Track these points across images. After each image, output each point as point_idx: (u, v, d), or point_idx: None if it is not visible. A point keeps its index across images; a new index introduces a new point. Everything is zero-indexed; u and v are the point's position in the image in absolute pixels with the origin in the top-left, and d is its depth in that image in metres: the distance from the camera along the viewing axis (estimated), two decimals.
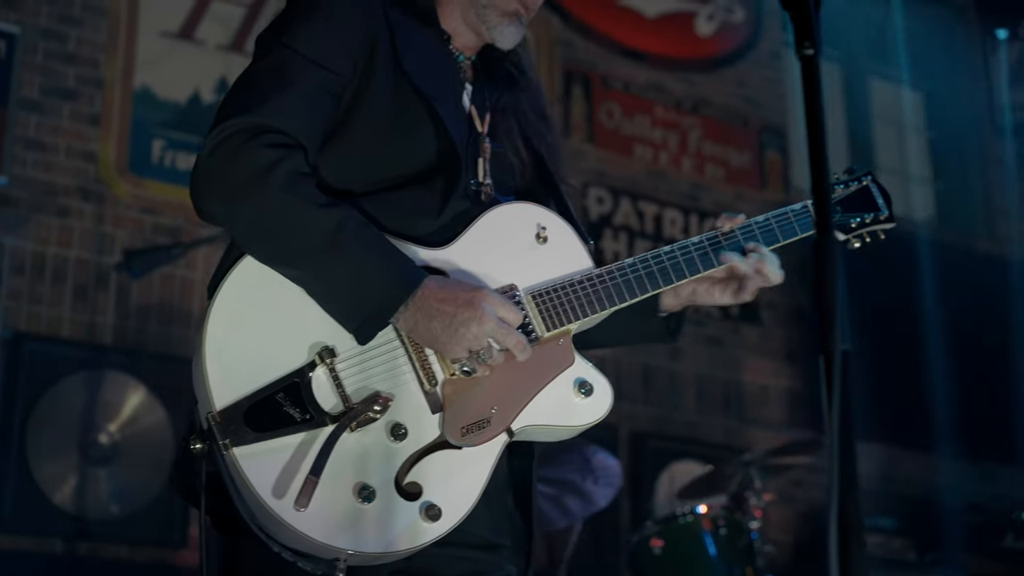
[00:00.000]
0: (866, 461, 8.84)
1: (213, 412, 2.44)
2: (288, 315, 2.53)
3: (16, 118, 6.83)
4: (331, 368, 2.50)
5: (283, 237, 2.49)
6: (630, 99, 8.86)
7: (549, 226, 2.74)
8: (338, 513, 2.43)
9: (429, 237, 2.66)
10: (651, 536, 5.81)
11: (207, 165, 2.53)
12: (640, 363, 8.32)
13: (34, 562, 6.31)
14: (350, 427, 2.46)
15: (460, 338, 2.50)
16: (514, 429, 2.58)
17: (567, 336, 2.67)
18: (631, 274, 2.73)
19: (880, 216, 2.98)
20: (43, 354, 6.54)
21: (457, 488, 2.53)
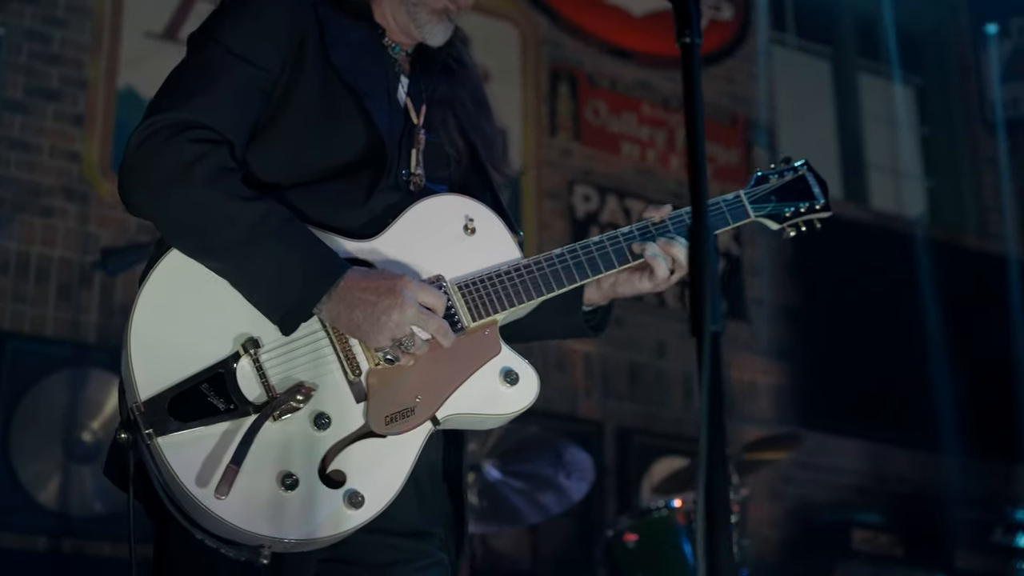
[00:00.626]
0: (854, 457, 8.87)
1: (138, 402, 2.47)
2: (213, 307, 2.56)
3: (0, 118, 6.87)
4: (255, 359, 2.53)
5: (206, 230, 2.53)
6: (617, 97, 8.88)
7: (477, 217, 2.76)
8: (260, 501, 2.46)
9: (356, 229, 2.69)
10: (625, 530, 5.83)
11: (133, 159, 2.57)
12: (627, 360, 8.34)
13: (18, 559, 6.35)
14: (273, 416, 2.49)
15: (382, 326, 2.53)
16: (439, 418, 2.61)
17: (493, 326, 2.70)
18: (559, 264, 2.76)
19: (816, 205, 2.98)
20: (27, 353, 6.59)
21: (381, 476, 2.55)
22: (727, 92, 9.33)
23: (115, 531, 6.47)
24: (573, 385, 8.07)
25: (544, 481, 5.97)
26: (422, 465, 2.64)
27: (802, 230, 2.99)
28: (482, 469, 5.82)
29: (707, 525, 1.53)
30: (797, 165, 3.01)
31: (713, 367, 1.56)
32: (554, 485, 5.98)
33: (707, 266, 1.61)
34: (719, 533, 1.54)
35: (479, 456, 5.79)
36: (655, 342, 8.48)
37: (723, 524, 1.56)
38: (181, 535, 2.51)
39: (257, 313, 2.56)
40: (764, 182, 2.95)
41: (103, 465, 2.71)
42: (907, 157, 10.40)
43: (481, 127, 2.98)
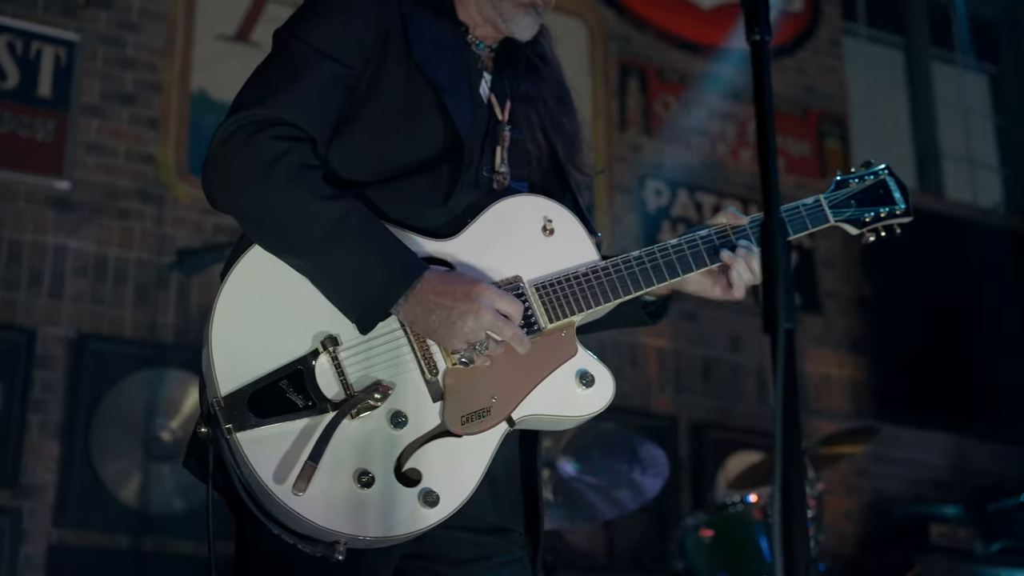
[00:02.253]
0: (933, 451, 8.78)
1: (218, 397, 2.50)
2: (294, 303, 2.58)
3: (77, 123, 6.98)
4: (334, 356, 2.55)
5: (287, 227, 2.56)
6: (687, 91, 8.85)
7: (556, 219, 2.77)
8: (337, 498, 2.49)
9: (435, 228, 2.71)
10: (701, 525, 5.81)
11: (217, 155, 2.61)
12: (700, 355, 8.31)
13: (101, 558, 6.44)
14: (350, 414, 2.52)
15: (457, 331, 2.55)
16: (515, 418, 2.62)
17: (570, 328, 2.71)
18: (636, 267, 2.76)
19: (896, 210, 2.97)
20: (106, 354, 6.68)
21: (456, 476, 2.57)
22: (798, 84, 9.27)
23: (195, 529, 6.55)
24: (647, 380, 8.05)
25: (619, 477, 5.97)
26: (497, 462, 2.65)
27: (881, 235, 2.99)
28: (557, 466, 5.83)
29: (784, 521, 1.53)
30: (878, 169, 3.00)
31: (787, 364, 1.55)
32: (629, 481, 5.97)
33: (779, 262, 1.60)
34: (796, 529, 1.54)
35: (554, 453, 5.80)
36: (728, 336, 8.44)
37: (800, 520, 1.56)
38: (260, 529, 2.54)
39: (337, 311, 2.58)
40: (844, 186, 2.94)
41: (183, 457, 2.74)
42: (982, 146, 10.27)
43: (563, 125, 2.97)
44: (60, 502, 6.43)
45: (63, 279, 6.72)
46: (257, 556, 2.66)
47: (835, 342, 8.86)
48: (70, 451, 6.49)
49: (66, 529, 6.42)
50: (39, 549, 6.34)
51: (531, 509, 2.83)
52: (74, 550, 6.41)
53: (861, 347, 8.93)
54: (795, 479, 1.54)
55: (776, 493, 1.56)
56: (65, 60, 7.01)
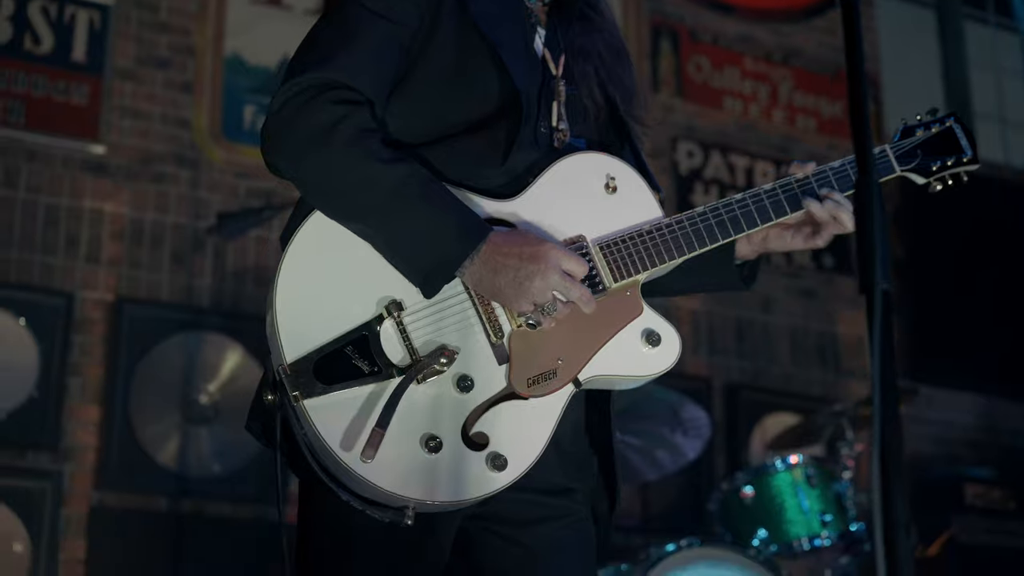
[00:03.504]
0: (966, 412, 8.77)
1: (284, 365, 2.48)
2: (357, 268, 2.56)
3: (112, 87, 6.97)
4: (399, 321, 2.54)
5: (348, 193, 2.54)
6: (719, 52, 8.81)
7: (619, 176, 2.73)
8: (405, 463, 2.48)
9: (496, 189, 2.68)
10: (741, 486, 5.81)
11: (275, 121, 2.58)
12: (733, 316, 8.30)
13: (141, 520, 6.48)
14: (417, 379, 2.51)
15: (524, 292, 2.53)
16: (581, 380, 2.61)
17: (635, 286, 2.68)
18: (700, 223, 2.73)
19: (964, 158, 2.93)
20: (143, 318, 6.70)
21: (523, 438, 2.56)
22: (830, 44, 9.21)
23: (233, 491, 6.60)
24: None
25: (660, 439, 5.97)
26: (565, 423, 2.63)
27: (949, 184, 2.94)
28: None
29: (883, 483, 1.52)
30: (943, 116, 2.95)
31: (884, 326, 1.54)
32: (669, 443, 5.98)
33: (875, 219, 1.59)
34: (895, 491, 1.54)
35: None
36: (761, 297, 8.42)
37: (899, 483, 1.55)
38: (326, 496, 2.54)
39: (400, 275, 2.56)
40: (910, 135, 2.91)
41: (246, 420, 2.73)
42: (1014, 105, 10.20)
43: (620, 77, 2.93)
44: (100, 465, 6.46)
45: (100, 243, 6.73)
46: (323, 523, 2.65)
47: None
48: (109, 414, 6.51)
49: (106, 492, 6.45)
50: (80, 511, 6.38)
51: (605, 467, 2.81)
52: (114, 512, 6.44)
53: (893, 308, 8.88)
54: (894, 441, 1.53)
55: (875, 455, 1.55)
56: (99, 24, 7.00)
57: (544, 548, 2.72)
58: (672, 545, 5.34)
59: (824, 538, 5.69)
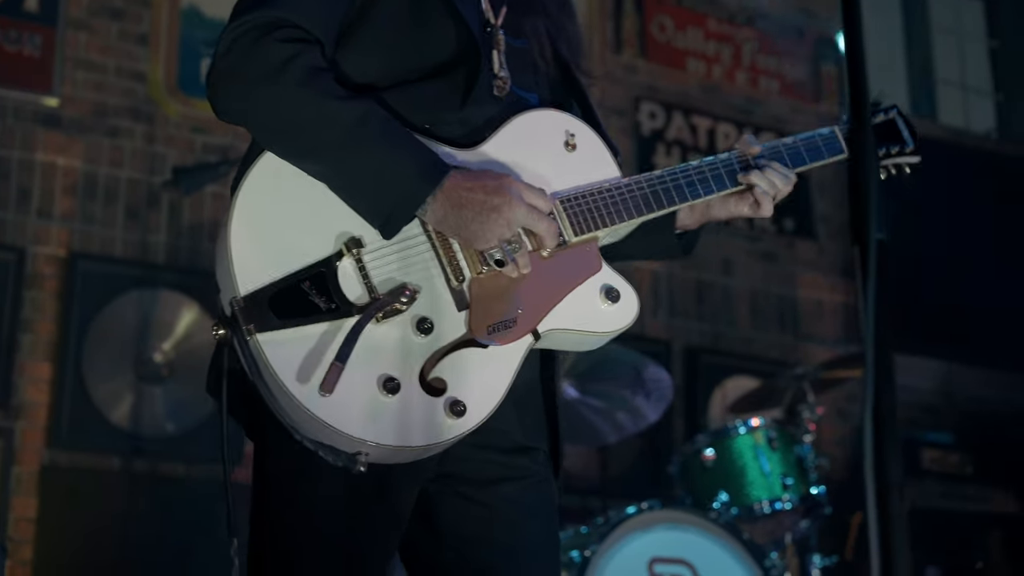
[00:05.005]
0: (923, 376, 8.78)
1: (237, 297, 2.39)
2: (313, 206, 2.49)
3: (65, 38, 6.83)
4: (358, 259, 2.46)
5: (303, 132, 2.45)
6: (682, 12, 8.73)
7: (578, 134, 2.72)
8: (361, 404, 2.39)
9: (455, 138, 2.62)
10: (703, 449, 5.79)
11: (223, 62, 2.49)
12: (693, 279, 8.27)
13: (93, 479, 6.40)
14: (376, 317, 2.43)
15: (491, 224, 2.47)
16: (540, 331, 2.56)
17: (594, 243, 2.65)
18: (659, 185, 2.72)
19: (906, 148, 3.01)
20: (97, 274, 6.59)
21: (482, 386, 2.49)
22: (794, 6, 9.16)
23: (187, 451, 6.51)
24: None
25: (621, 401, 5.93)
26: (520, 382, 2.57)
27: (892, 173, 3.04)
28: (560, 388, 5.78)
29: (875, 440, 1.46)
30: (886, 107, 3.03)
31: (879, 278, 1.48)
32: (631, 405, 5.94)
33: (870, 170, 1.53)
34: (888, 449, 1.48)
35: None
36: (721, 260, 8.40)
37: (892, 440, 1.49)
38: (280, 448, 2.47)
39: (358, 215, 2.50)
40: None
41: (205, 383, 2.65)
42: (975, 71, 10.20)
43: (567, 31, 2.89)
44: (52, 423, 6.37)
45: (52, 197, 6.61)
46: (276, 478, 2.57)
47: (827, 267, 8.83)
48: (61, 372, 6.42)
49: (58, 450, 6.36)
50: (31, 469, 6.29)
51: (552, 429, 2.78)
52: (65, 471, 6.36)
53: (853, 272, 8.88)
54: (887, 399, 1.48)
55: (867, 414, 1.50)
56: None
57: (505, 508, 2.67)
58: (632, 508, 5.32)
59: (785, 501, 5.67)
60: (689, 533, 5.32)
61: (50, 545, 6.22)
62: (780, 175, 2.81)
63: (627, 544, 5.22)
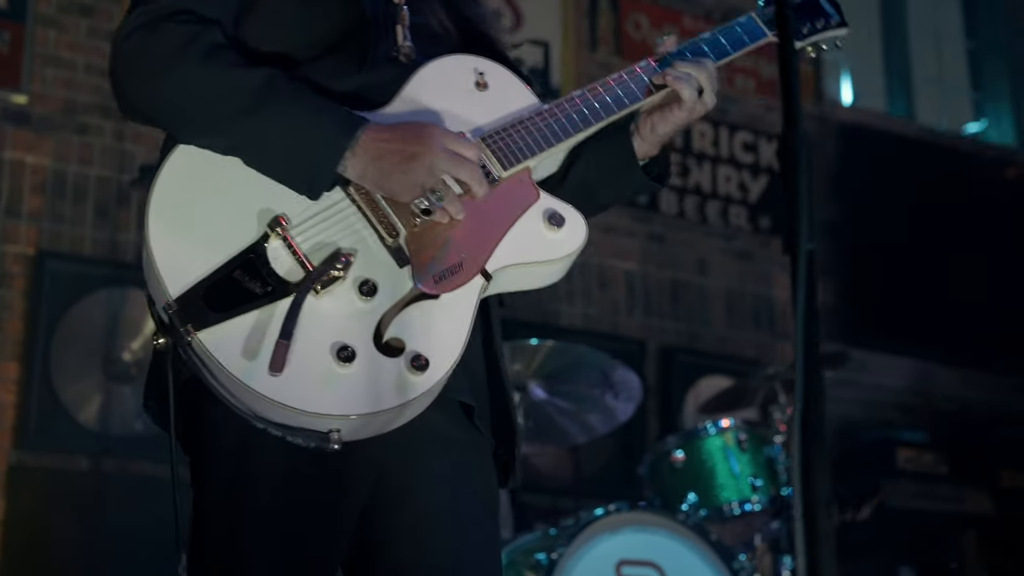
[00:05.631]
0: (898, 375, 8.78)
1: (169, 302, 2.33)
2: (231, 193, 2.44)
3: (34, 34, 6.78)
4: (285, 237, 2.41)
5: (212, 105, 2.43)
6: (658, 10, 8.71)
7: (487, 71, 2.68)
8: (318, 378, 2.34)
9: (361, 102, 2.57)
10: (672, 450, 5.76)
11: (122, 54, 2.48)
12: (668, 278, 8.24)
13: (61, 479, 6.35)
14: (314, 289, 2.38)
15: (413, 173, 2.43)
16: (490, 271, 2.51)
17: (527, 174, 2.61)
18: (582, 104, 2.68)
19: (832, 21, 2.92)
20: (65, 273, 6.55)
21: (441, 337, 2.44)
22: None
23: (156, 451, 6.45)
24: (614, 303, 7.98)
25: (591, 401, 5.90)
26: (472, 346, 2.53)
27: (823, 49, 2.94)
28: (528, 389, 5.75)
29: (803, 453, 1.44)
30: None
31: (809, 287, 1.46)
32: (601, 405, 5.91)
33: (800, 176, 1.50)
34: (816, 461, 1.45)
35: (525, 376, 5.71)
36: (697, 259, 8.37)
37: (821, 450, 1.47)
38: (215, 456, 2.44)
39: (277, 190, 2.44)
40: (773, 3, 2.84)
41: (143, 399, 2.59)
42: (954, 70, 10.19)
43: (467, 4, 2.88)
44: (19, 423, 6.32)
45: (21, 196, 6.56)
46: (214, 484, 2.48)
47: None
48: (29, 371, 6.37)
49: (25, 451, 6.31)
50: None
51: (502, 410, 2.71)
52: (33, 472, 6.31)
53: (829, 272, 8.89)
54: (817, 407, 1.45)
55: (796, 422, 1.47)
56: None
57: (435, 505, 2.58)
58: (600, 509, 5.28)
59: (754, 503, 5.64)
60: (657, 535, 5.29)
61: (18, 547, 6.17)
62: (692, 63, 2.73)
63: (595, 546, 5.18)
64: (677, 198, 8.41)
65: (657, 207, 8.32)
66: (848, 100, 9.62)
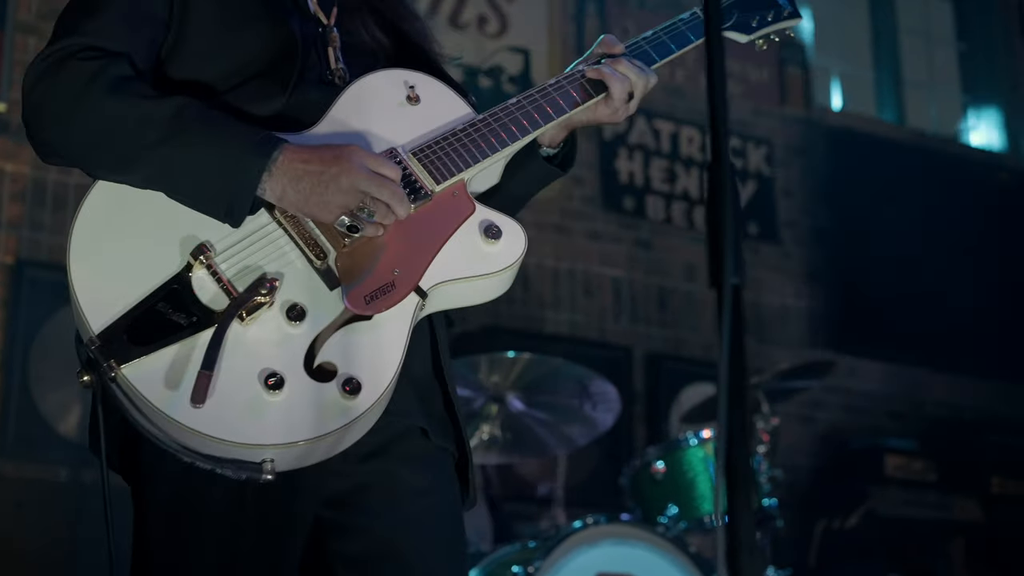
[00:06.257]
0: (887, 382, 8.73)
1: (91, 337, 2.30)
2: (153, 225, 2.40)
3: (13, 42, 6.74)
4: (209, 265, 2.36)
5: (124, 138, 2.38)
6: (645, 16, 8.66)
7: (418, 84, 2.64)
8: (243, 407, 2.29)
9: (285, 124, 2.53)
10: (653, 462, 5.71)
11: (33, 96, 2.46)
12: (656, 284, 8.20)
13: (39, 490, 6.31)
14: (239, 316, 2.33)
15: (332, 195, 2.38)
16: (424, 288, 2.45)
17: (461, 187, 2.55)
18: (517, 112, 2.62)
19: (783, 11, 2.87)
20: (45, 282, 6.49)
21: (374, 359, 2.38)
22: None
23: None
24: (601, 310, 7.94)
25: (569, 412, 5.86)
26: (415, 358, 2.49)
27: (774, 40, 2.89)
28: (505, 401, 5.71)
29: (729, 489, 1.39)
30: None
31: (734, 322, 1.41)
32: (580, 416, 5.87)
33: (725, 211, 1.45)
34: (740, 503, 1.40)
35: (502, 388, 5.68)
36: (684, 266, 8.33)
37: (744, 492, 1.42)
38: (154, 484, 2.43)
39: (199, 218, 2.40)
40: None
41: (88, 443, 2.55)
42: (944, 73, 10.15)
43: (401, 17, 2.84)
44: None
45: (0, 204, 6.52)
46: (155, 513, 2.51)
47: (792, 272, 8.77)
48: (8, 382, 6.33)
49: (4, 461, 6.27)
50: None
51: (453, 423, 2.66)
52: (12, 483, 6.27)
53: (818, 277, 8.85)
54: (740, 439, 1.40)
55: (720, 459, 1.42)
56: None
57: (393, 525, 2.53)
58: (579, 522, 5.24)
59: None
60: (636, 548, 5.25)
61: None
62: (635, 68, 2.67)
63: (573, 559, 5.14)
64: (664, 204, 8.37)
65: (644, 213, 8.28)
66: (838, 105, 9.57)
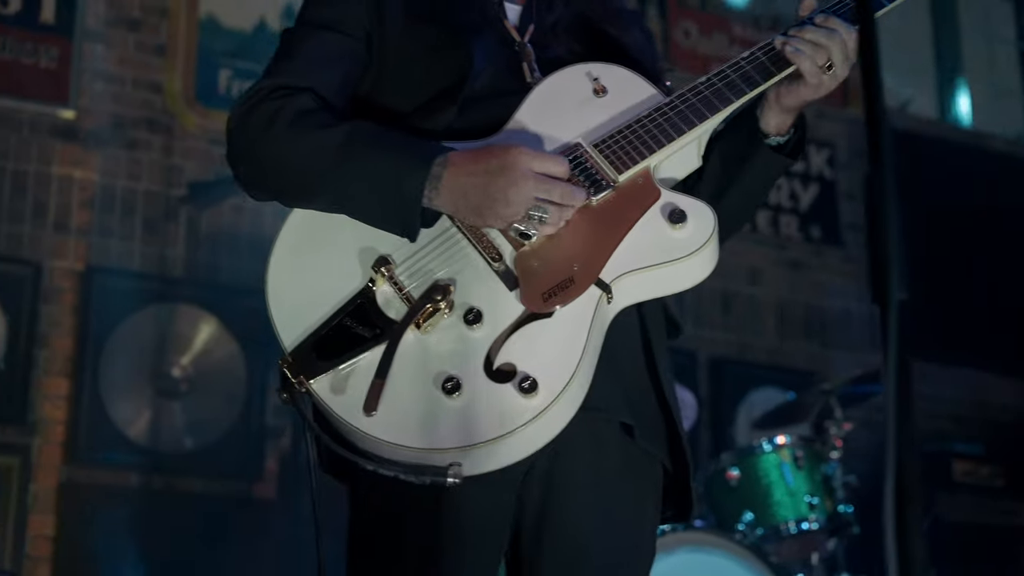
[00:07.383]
0: (953, 385, 8.64)
1: (285, 356, 2.39)
2: (338, 245, 2.48)
3: (82, 49, 6.77)
4: (391, 277, 2.41)
5: (300, 168, 2.49)
6: (706, 17, 8.61)
7: (602, 75, 2.60)
8: (422, 412, 2.32)
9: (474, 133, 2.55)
10: (727, 468, 5.66)
11: (231, 138, 2.59)
12: (719, 288, 8.14)
13: (111, 496, 6.33)
14: (417, 323, 2.36)
15: (501, 207, 2.38)
16: (606, 281, 2.39)
17: (646, 174, 2.49)
18: (706, 91, 2.57)
19: None
20: (114, 288, 6.52)
21: (552, 356, 2.34)
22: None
23: (205, 467, 6.45)
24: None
25: None
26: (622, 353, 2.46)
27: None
28: None
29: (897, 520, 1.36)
30: None
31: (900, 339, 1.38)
32: None
33: (890, 220, 1.42)
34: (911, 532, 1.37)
35: None
36: (748, 269, 8.27)
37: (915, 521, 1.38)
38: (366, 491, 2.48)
39: (379, 234, 2.46)
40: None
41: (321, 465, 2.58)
42: (1006, 73, 10.04)
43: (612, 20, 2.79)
44: (69, 440, 6.31)
45: (69, 211, 6.55)
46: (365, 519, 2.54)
47: (856, 275, 8.69)
48: (79, 388, 6.36)
49: (75, 467, 6.30)
50: (48, 487, 6.23)
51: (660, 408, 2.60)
52: (83, 488, 6.30)
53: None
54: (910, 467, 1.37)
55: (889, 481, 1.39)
56: None
57: None
58: None
59: (811, 521, 5.54)
60: (713, 555, 5.21)
61: (68, 563, 6.18)
62: (821, 32, 2.56)
63: None
64: None
65: None
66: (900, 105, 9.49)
